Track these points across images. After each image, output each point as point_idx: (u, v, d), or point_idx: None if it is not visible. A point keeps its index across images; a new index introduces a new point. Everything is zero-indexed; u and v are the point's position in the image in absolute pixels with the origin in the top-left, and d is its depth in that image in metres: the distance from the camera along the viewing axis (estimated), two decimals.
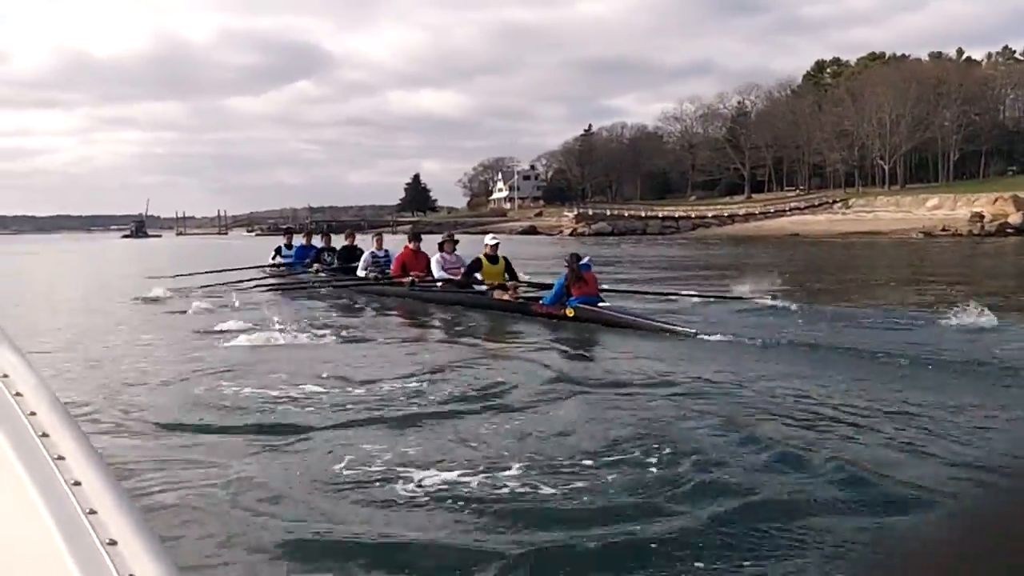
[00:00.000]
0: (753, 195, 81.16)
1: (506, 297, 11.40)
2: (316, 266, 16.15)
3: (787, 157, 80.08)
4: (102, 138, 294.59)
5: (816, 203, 65.42)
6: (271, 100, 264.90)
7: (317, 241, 17.36)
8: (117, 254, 45.52)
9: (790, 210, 64.22)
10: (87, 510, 0.92)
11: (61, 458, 1.01)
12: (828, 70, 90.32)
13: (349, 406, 5.76)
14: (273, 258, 17.85)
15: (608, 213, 66.94)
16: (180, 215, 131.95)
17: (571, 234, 62.78)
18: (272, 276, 16.52)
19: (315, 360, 7.54)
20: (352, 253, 15.78)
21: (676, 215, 66.07)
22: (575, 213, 66.63)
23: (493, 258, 12.08)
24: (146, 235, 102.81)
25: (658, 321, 9.41)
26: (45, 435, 1.07)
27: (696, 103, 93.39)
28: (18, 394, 1.18)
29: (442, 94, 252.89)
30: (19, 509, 0.95)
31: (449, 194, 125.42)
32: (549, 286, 10.99)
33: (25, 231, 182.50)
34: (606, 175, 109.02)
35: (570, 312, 10.05)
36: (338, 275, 15.19)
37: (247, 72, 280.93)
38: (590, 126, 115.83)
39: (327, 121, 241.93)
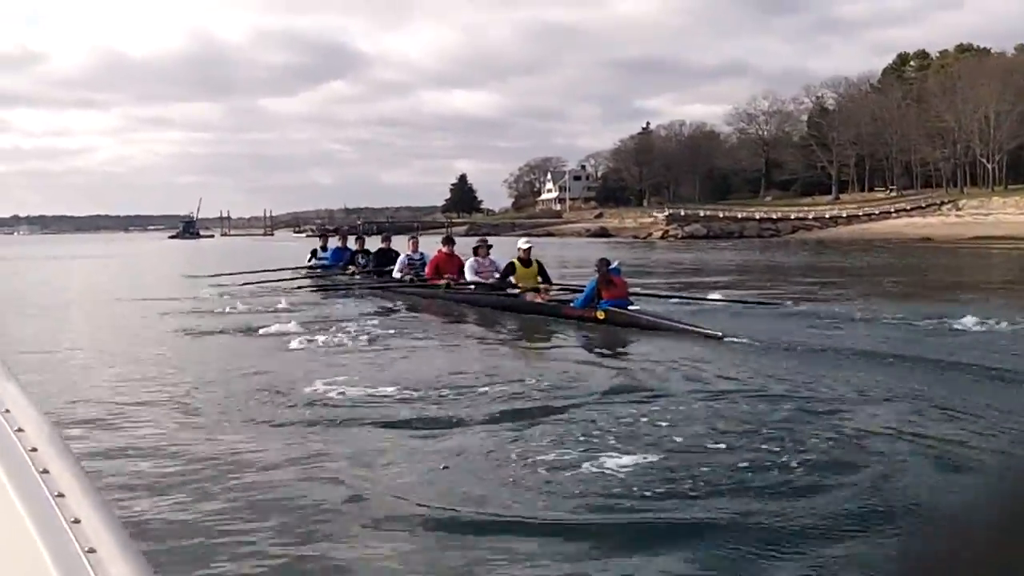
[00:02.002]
0: (839, 196, 74.91)
1: (538, 299, 11.54)
2: (351, 268, 16.20)
3: (874, 155, 73.82)
4: (139, 138, 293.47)
5: (923, 204, 59.23)
6: (305, 100, 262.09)
7: (352, 244, 17.30)
8: (190, 256, 40.45)
9: (896, 212, 58.06)
10: (86, 548, 0.92)
11: (61, 495, 1.02)
12: (912, 63, 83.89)
13: (414, 404, 5.88)
14: (309, 260, 18.10)
15: (702, 214, 61.02)
16: (224, 215, 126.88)
17: (662, 237, 57.10)
18: (310, 278, 16.64)
19: (363, 360, 7.80)
20: (387, 256, 15.67)
21: (774, 216, 60.07)
22: (666, 214, 60.75)
23: (526, 262, 12.12)
24: (197, 235, 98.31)
25: (685, 323, 9.43)
26: (45, 471, 1.07)
27: (770, 98, 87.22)
28: (20, 430, 1.18)
29: (476, 94, 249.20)
30: (19, 546, 0.95)
31: (486, 195, 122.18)
32: (579, 289, 11.14)
33: (65, 231, 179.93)
34: (664, 175, 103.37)
35: (600, 315, 10.11)
36: (371, 277, 15.34)
37: (281, 72, 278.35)
38: (648, 124, 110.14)
39: (361, 121, 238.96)
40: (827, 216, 58.79)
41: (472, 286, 12.65)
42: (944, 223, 53.55)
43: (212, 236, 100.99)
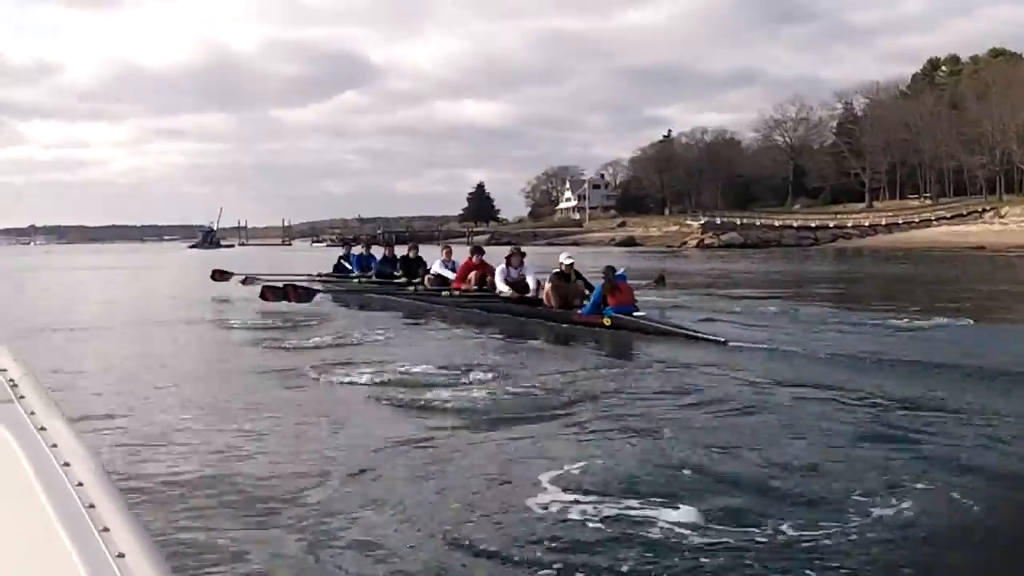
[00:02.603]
0: (873, 203, 72.82)
1: (552, 300, 11.38)
2: (370, 275, 16.19)
3: (907, 162, 71.76)
4: (152, 149, 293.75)
5: (964, 212, 57.16)
6: (317, 111, 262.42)
7: (376, 252, 17.35)
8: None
9: (936, 220, 56.04)
10: None
11: (106, 529, 1.04)
12: (943, 68, 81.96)
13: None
14: (336, 268, 17.71)
15: (738, 222, 59.08)
16: (242, 224, 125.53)
17: (697, 246, 55.18)
18: (339, 284, 16.55)
19: (369, 364, 7.95)
20: (413, 264, 15.52)
21: (812, 224, 58.09)
22: (701, 222, 58.83)
23: (567, 276, 11.55)
24: (218, 245, 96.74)
25: (690, 329, 9.65)
26: (92, 506, 1.10)
27: (797, 104, 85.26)
28: (66, 464, 1.21)
29: (487, 104, 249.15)
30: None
31: (500, 204, 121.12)
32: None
33: (80, 240, 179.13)
34: (686, 183, 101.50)
35: (607, 321, 10.24)
36: (396, 285, 15.12)
37: (293, 83, 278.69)
38: (669, 132, 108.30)
39: (373, 131, 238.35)
40: (867, 224, 56.74)
41: (494, 296, 12.40)
42: (990, 231, 51.53)
43: (232, 246, 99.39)
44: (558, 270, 11.58)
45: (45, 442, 1.31)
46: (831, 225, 58.06)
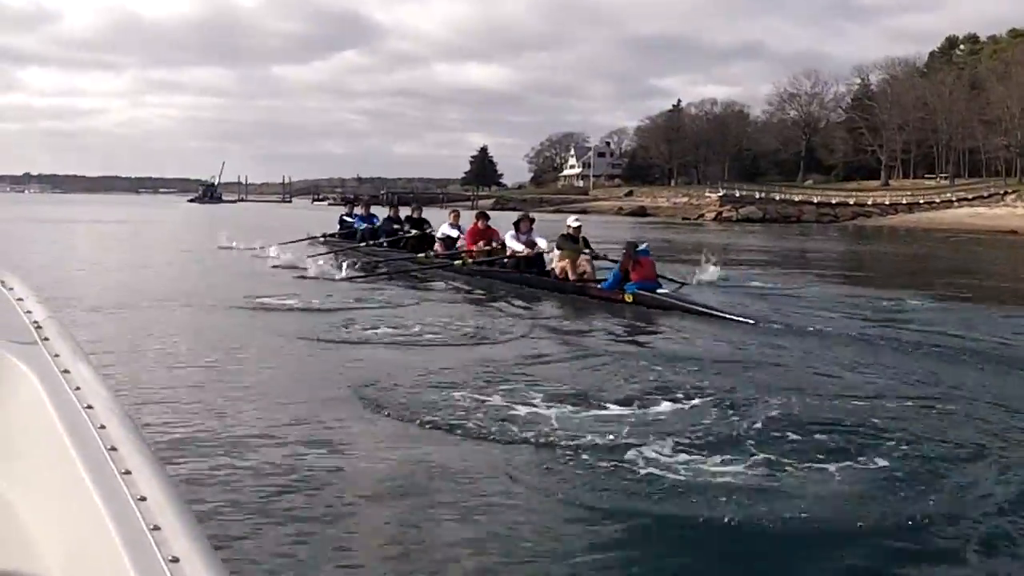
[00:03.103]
0: (888, 182, 71.22)
1: (568, 270, 11.06)
2: (382, 239, 15.85)
3: (924, 141, 70.12)
4: (151, 101, 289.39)
5: (985, 194, 55.67)
6: (318, 69, 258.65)
7: (378, 211, 17.47)
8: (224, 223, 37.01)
9: (958, 201, 54.55)
10: (151, 526, 0.93)
11: (128, 472, 1.04)
12: (961, 47, 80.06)
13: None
14: (342, 225, 17.68)
15: (757, 196, 57.43)
16: (242, 181, 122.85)
17: (715, 219, 53.64)
18: (337, 246, 16.25)
19: (387, 336, 7.54)
20: (419, 224, 15.58)
21: (833, 201, 56.53)
22: (720, 194, 57.17)
23: (575, 239, 11.57)
24: (220, 200, 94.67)
25: (717, 309, 9.09)
26: (113, 448, 1.10)
27: (812, 77, 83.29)
28: (89, 407, 1.21)
29: (489, 68, 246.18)
30: (86, 521, 0.97)
31: (501, 168, 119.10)
32: (615, 262, 10.83)
33: (75, 190, 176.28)
34: (693, 154, 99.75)
35: (628, 297, 9.85)
36: (401, 248, 15.13)
37: (294, 40, 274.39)
38: (679, 101, 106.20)
39: (373, 91, 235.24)
40: (887, 202, 55.22)
41: (506, 259, 12.22)
42: (1014, 214, 50.12)
43: (234, 201, 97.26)
44: (565, 232, 11.65)
45: (68, 384, 1.30)
46: (851, 203, 56.53)
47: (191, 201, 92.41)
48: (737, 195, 57.21)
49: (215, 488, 3.65)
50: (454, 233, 14.13)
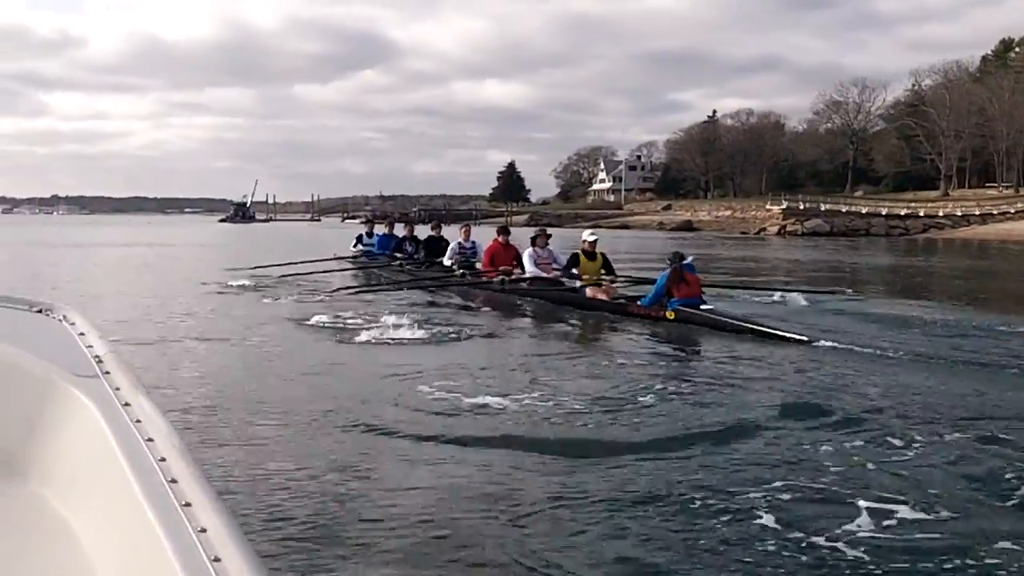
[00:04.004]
0: (948, 192, 67.40)
1: (601, 296, 10.61)
2: (399, 257, 15.19)
3: (982, 149, 66.39)
4: (174, 123, 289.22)
5: None
6: (338, 89, 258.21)
7: (399, 231, 16.69)
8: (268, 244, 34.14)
9: None
10: (212, 557, 0.94)
11: (188, 504, 1.05)
12: (1016, 50, 76.35)
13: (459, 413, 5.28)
14: (355, 246, 17.03)
15: (822, 208, 53.89)
16: (270, 200, 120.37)
17: (779, 233, 50.18)
18: (356, 267, 15.74)
19: (413, 359, 7.09)
20: (437, 244, 14.68)
21: (902, 213, 52.89)
22: (783, 207, 53.65)
23: (591, 255, 11.12)
24: (252, 219, 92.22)
25: (766, 326, 8.45)
26: (174, 481, 1.11)
27: (859, 85, 79.86)
28: (150, 439, 1.22)
29: (507, 85, 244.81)
30: (148, 552, 0.98)
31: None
32: (649, 282, 10.47)
33: (103, 211, 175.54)
34: (729, 166, 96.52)
35: (670, 314, 9.20)
36: (422, 267, 14.33)
37: (314, 60, 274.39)
38: (714, 112, 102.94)
39: (393, 110, 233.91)
40: (959, 214, 51.53)
41: (526, 281, 11.67)
42: None
43: (265, 220, 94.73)
44: (582, 247, 11.13)
45: (129, 417, 1.31)
46: (920, 214, 52.86)
47: (222, 221, 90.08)
48: (801, 207, 53.59)
49: (271, 521, 3.50)
50: (468, 245, 13.49)
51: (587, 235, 11.25)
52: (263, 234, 48.53)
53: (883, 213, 52.47)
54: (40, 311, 2.05)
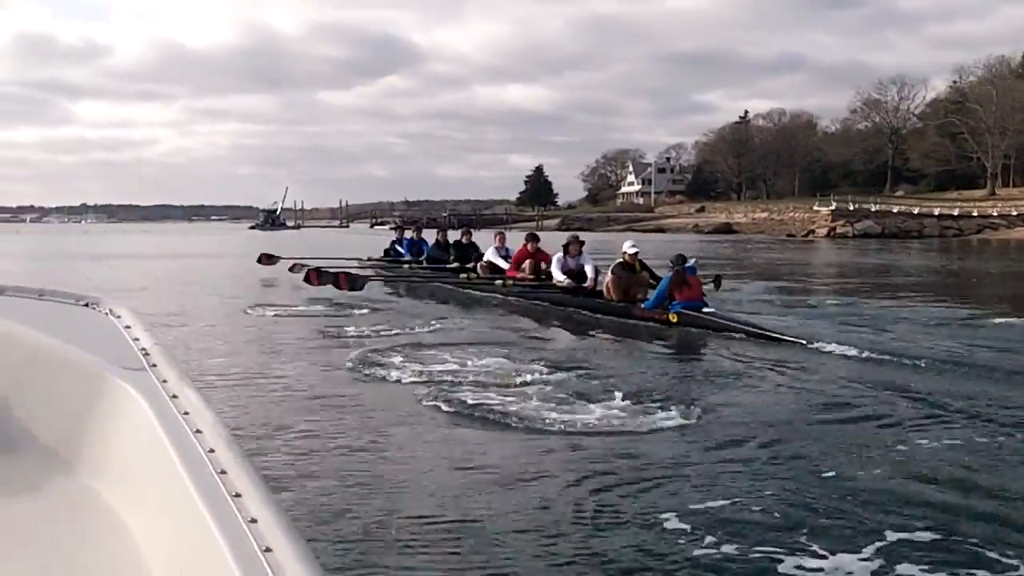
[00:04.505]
0: (995, 191, 65.19)
1: (613, 293, 10.30)
2: (422, 260, 15.27)
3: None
4: (199, 130, 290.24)
5: None
6: (360, 94, 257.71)
7: (428, 236, 16.25)
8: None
9: None
10: (263, 547, 0.94)
11: (238, 495, 1.05)
12: None
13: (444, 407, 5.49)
14: (387, 252, 16.93)
15: (872, 209, 52.05)
16: (298, 207, 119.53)
17: (828, 235, 48.49)
18: (389, 270, 15.75)
19: (419, 358, 7.23)
20: (466, 250, 14.42)
21: (955, 213, 51.00)
22: (832, 208, 51.86)
23: (632, 267, 10.48)
24: (283, 226, 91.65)
25: (767, 329, 8.49)
26: (223, 472, 1.11)
27: (898, 82, 77.81)
28: (198, 431, 1.22)
29: (530, 88, 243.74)
30: (199, 542, 0.98)
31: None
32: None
33: (131, 219, 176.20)
34: (762, 167, 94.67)
35: (673, 318, 9.21)
36: (449, 273, 13.84)
37: (337, 65, 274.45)
38: (746, 112, 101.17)
39: (415, 115, 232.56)
40: (1014, 213, 49.49)
41: (545, 287, 11.48)
42: None
43: (296, 227, 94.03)
44: (621, 260, 10.55)
45: (177, 410, 1.31)
46: (974, 214, 50.91)
47: (252, 228, 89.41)
48: (851, 208, 51.75)
49: (321, 512, 3.58)
50: (500, 262, 13.03)
51: (628, 247, 10.58)
52: (298, 241, 47.53)
53: (935, 213, 50.55)
54: (87, 305, 2.06)
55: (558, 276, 11.26)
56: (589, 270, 11.17)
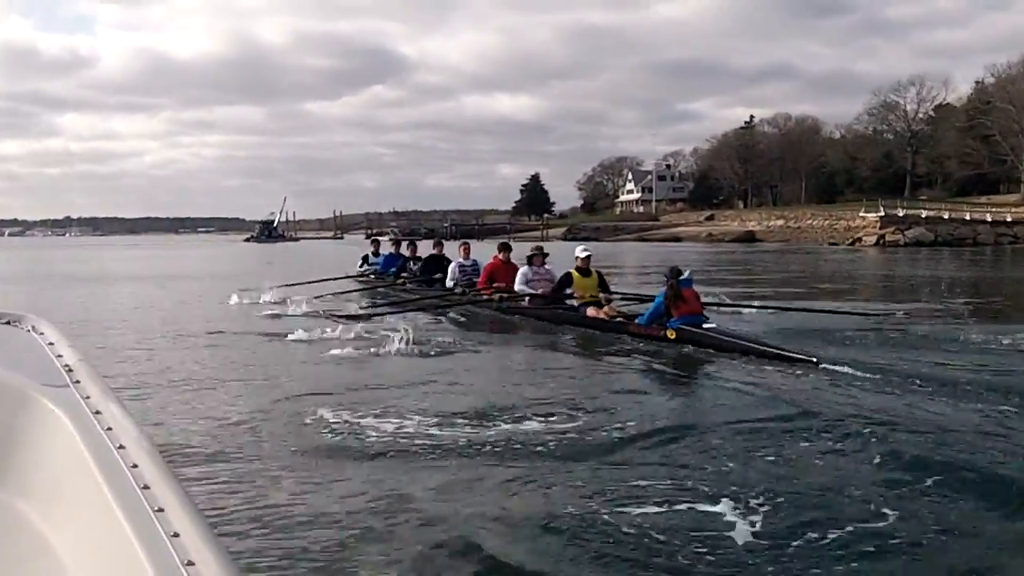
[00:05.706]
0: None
1: (600, 315, 9.92)
2: (403, 276, 14.72)
3: None
4: (185, 142, 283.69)
5: None
6: (347, 104, 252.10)
7: (404, 250, 15.65)
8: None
9: None
10: (185, 561, 0.93)
11: (161, 510, 1.04)
12: None
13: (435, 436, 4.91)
14: (360, 266, 16.90)
15: (923, 215, 47.96)
16: (291, 218, 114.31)
17: (877, 243, 44.33)
18: (360, 286, 15.54)
19: (404, 383, 6.65)
20: (439, 263, 14.17)
21: (1007, 219, 47.03)
22: (880, 214, 47.66)
23: (585, 271, 10.64)
24: (281, 238, 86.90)
25: (771, 346, 7.85)
26: (146, 487, 1.10)
27: (917, 84, 74.15)
28: (121, 447, 1.21)
29: (517, 98, 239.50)
30: (122, 558, 0.98)
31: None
32: (649, 298, 9.84)
33: (115, 232, 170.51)
34: (768, 173, 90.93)
35: (671, 334, 8.55)
36: (423, 286, 13.88)
37: (323, 76, 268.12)
38: (751, 117, 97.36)
39: (403, 125, 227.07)
40: None
41: (525, 299, 11.05)
42: None
43: (294, 239, 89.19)
44: (575, 265, 10.50)
45: (100, 425, 1.31)
46: None
47: (248, 240, 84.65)
48: (900, 214, 47.60)
49: (246, 522, 3.48)
50: (467, 263, 12.96)
51: (579, 251, 10.73)
52: (300, 253, 42.91)
53: (988, 220, 46.53)
54: (8, 323, 2.03)
55: (520, 287, 11.16)
56: (556, 278, 10.96)
